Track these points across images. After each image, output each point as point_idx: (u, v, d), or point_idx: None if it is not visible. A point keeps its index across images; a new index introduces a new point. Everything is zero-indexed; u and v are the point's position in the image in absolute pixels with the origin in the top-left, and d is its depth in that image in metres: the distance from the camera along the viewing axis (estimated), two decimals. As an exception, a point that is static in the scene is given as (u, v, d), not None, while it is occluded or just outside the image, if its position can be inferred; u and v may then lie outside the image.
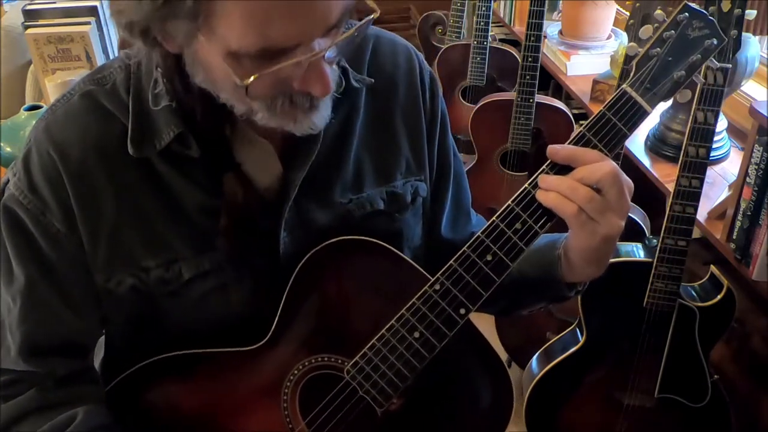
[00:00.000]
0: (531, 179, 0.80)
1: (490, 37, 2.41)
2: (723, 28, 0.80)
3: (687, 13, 0.80)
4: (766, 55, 1.84)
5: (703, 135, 1.30)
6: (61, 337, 0.86)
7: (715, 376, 1.48)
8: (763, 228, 1.36)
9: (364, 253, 0.86)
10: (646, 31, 0.83)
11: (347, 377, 0.84)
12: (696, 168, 1.32)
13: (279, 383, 0.87)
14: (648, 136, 1.87)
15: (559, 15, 2.59)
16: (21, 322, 0.84)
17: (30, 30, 1.86)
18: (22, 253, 0.82)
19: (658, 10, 0.86)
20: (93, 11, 1.91)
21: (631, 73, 0.80)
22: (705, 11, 0.80)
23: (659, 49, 0.80)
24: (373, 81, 0.89)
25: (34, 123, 0.85)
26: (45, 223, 0.81)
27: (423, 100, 0.94)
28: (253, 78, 0.67)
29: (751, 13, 1.18)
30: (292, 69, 0.69)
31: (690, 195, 1.33)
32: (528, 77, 1.98)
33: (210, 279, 0.84)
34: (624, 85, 0.80)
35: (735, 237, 1.45)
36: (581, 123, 2.15)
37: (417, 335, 0.81)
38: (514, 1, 2.88)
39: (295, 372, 0.87)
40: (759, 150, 1.36)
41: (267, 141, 0.83)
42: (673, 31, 0.80)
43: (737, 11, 1.16)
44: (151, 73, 0.79)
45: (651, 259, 1.40)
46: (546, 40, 2.45)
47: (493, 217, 0.80)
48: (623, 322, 1.47)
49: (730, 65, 1.25)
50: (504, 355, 2.12)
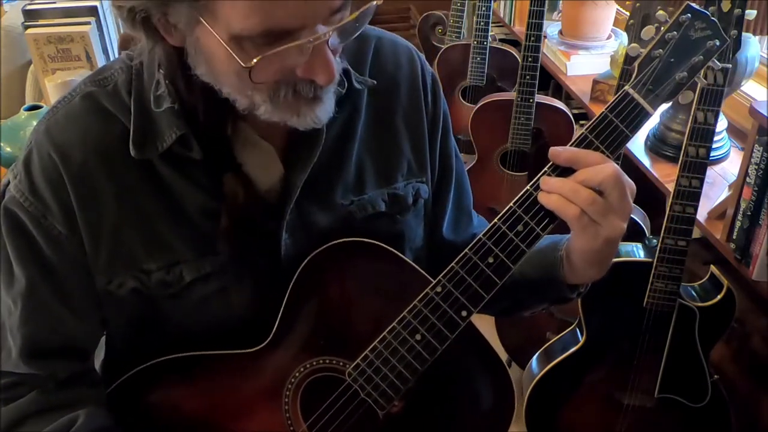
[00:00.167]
0: (533, 181, 0.80)
1: (490, 37, 2.41)
2: (723, 28, 0.80)
3: (689, 14, 0.79)
4: (766, 55, 1.84)
5: (703, 135, 1.30)
6: (62, 340, 0.86)
7: (715, 376, 1.48)
8: (763, 228, 1.36)
9: (365, 255, 0.85)
10: (648, 32, 0.82)
11: (349, 380, 0.84)
12: (696, 168, 1.32)
13: (280, 385, 0.87)
14: (648, 136, 1.87)
15: (559, 15, 2.59)
16: (22, 324, 0.83)
17: (30, 30, 1.86)
18: (23, 256, 0.82)
19: (659, 10, 0.85)
20: (93, 11, 1.90)
21: (634, 75, 0.80)
22: (706, 11, 0.80)
23: (661, 50, 0.79)
24: (375, 82, 0.89)
25: (34, 124, 0.85)
26: (46, 225, 0.81)
27: (425, 101, 0.94)
28: (257, 59, 0.66)
29: (751, 13, 1.18)
30: (296, 55, 0.68)
31: (690, 195, 1.33)
32: (528, 77, 1.98)
33: (211, 281, 0.84)
34: (626, 87, 0.80)
35: (735, 237, 1.45)
36: (581, 123, 2.16)
37: (418, 338, 0.81)
38: (514, 1, 2.87)
39: (297, 374, 0.86)
40: (759, 150, 1.36)
41: (268, 142, 0.83)
42: (675, 32, 0.79)
43: (737, 11, 1.16)
44: (153, 75, 0.79)
45: (651, 259, 1.40)
46: (546, 40, 2.45)
47: (495, 219, 0.80)
48: (623, 322, 1.47)
49: (730, 65, 1.25)
50: (504, 356, 2.12)
